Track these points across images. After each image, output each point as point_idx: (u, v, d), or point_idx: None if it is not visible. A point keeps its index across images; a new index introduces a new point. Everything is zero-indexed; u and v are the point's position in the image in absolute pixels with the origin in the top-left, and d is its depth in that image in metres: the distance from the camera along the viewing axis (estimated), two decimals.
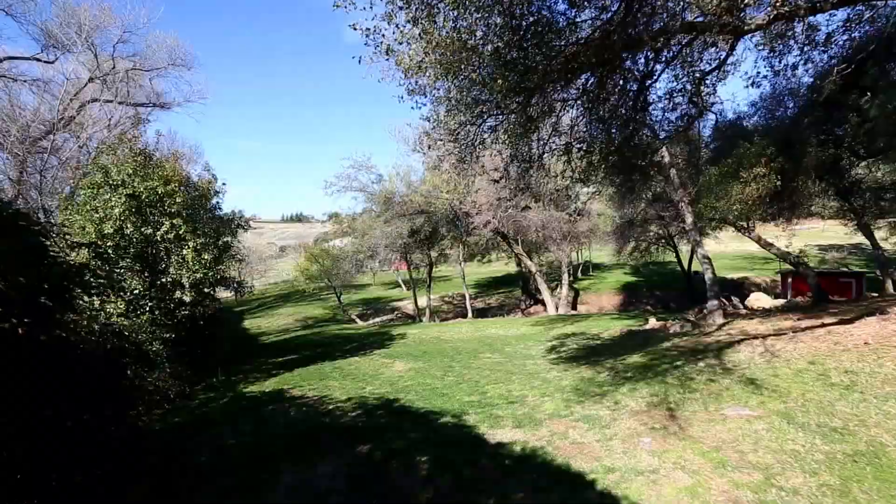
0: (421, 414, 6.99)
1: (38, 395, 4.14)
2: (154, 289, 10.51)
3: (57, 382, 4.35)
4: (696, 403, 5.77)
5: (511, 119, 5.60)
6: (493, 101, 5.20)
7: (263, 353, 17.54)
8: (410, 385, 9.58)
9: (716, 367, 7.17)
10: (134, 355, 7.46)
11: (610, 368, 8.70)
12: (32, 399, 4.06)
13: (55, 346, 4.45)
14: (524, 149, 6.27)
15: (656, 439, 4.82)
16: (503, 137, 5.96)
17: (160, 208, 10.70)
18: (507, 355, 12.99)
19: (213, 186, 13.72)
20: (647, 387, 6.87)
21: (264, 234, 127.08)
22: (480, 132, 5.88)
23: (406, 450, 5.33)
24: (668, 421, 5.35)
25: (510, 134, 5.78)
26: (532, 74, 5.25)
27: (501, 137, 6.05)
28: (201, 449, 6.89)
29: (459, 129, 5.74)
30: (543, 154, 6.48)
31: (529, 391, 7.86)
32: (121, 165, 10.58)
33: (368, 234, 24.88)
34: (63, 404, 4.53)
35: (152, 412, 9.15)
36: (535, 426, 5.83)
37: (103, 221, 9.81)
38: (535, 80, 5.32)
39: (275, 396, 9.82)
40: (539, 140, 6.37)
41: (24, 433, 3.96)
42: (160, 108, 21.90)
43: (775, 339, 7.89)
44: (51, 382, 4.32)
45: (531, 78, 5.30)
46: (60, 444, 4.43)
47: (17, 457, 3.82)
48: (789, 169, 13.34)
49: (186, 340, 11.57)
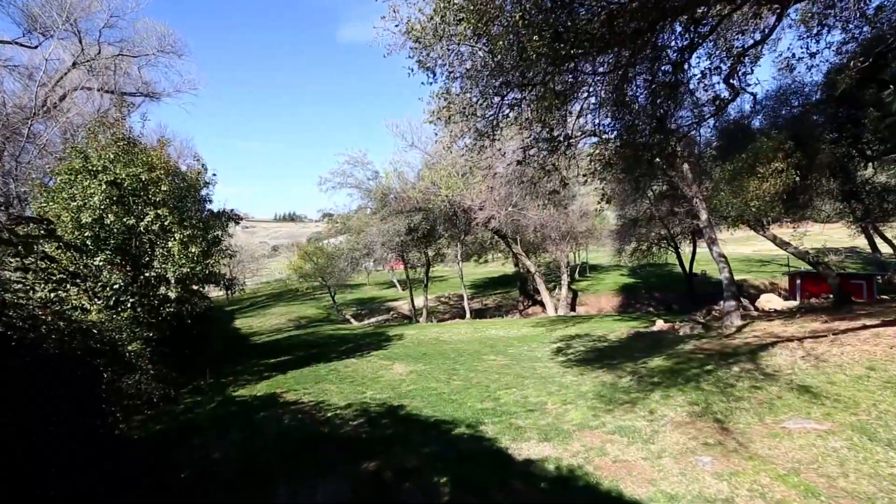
0: (431, 423, 6.29)
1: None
2: (137, 284, 9.71)
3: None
4: (746, 414, 5.13)
5: (539, 90, 4.93)
6: (521, 67, 4.53)
7: (255, 354, 16.74)
8: (414, 389, 8.88)
9: (754, 373, 6.54)
10: (110, 356, 6.69)
11: (632, 373, 8.05)
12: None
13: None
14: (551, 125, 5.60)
15: (717, 458, 4.16)
16: (528, 113, 5.29)
17: (144, 197, 9.90)
18: (512, 357, 12.35)
19: (202, 177, 12.89)
20: (682, 394, 6.22)
21: (257, 233, 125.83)
22: (504, 104, 5.19)
23: (420, 467, 4.63)
24: (720, 434, 4.70)
25: (538, 107, 5.09)
26: (563, 41, 4.59)
27: (525, 113, 5.38)
28: (184, 461, 6.13)
29: (480, 100, 5.06)
30: (572, 135, 5.82)
31: (548, 397, 7.19)
32: (102, 150, 9.77)
33: (365, 232, 24.12)
34: (11, 414, 3.79)
35: (132, 419, 8.36)
36: (565, 439, 5.15)
37: (81, 210, 9.00)
38: (568, 45, 4.64)
39: (267, 401, 9.06)
40: (567, 115, 5.70)
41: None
42: (149, 97, 21.00)
43: (813, 342, 7.29)
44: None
45: (563, 43, 4.63)
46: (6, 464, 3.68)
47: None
48: (803, 166, 12.85)
49: (172, 340, 10.79)
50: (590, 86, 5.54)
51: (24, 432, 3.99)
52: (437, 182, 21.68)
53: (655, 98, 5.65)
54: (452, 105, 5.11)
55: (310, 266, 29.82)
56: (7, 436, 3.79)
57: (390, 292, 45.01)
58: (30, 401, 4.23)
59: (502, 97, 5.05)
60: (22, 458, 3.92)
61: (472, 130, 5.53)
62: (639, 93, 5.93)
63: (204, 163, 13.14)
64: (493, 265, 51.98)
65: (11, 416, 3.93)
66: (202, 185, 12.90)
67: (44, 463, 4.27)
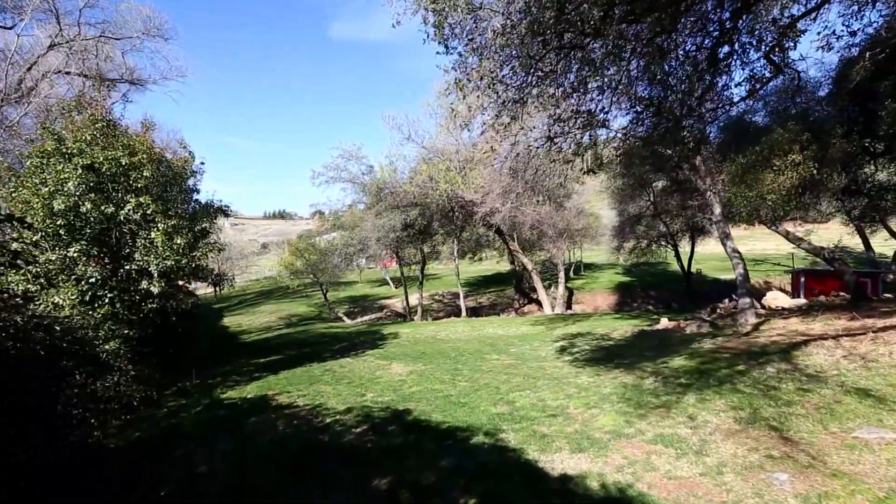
0: (444, 430, 5.65)
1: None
2: (116, 277, 8.94)
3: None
4: (805, 421, 4.58)
5: (579, 55, 4.32)
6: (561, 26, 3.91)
7: (244, 353, 15.97)
8: (418, 392, 8.24)
9: (795, 374, 6.01)
10: (82, 356, 5.95)
11: (653, 373, 7.49)
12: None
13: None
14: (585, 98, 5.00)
15: (793, 475, 3.58)
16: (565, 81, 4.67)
17: (124, 184, 9.11)
18: (515, 356, 11.79)
19: (189, 165, 12.08)
20: (719, 397, 5.66)
21: (246, 230, 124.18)
22: (537, 71, 4.56)
23: (440, 485, 4.00)
24: (783, 445, 4.13)
25: (578, 74, 4.46)
26: None
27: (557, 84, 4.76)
28: (165, 475, 5.43)
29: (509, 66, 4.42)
30: (610, 109, 5.21)
31: (567, 400, 6.60)
32: (77, 132, 8.96)
33: (359, 227, 23.39)
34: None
35: (109, 424, 7.61)
36: (601, 450, 4.55)
37: (53, 196, 8.20)
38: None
39: (258, 404, 8.37)
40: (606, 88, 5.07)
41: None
42: (134, 84, 20.02)
43: (851, 341, 6.79)
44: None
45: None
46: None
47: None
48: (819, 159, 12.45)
49: (155, 338, 10.04)
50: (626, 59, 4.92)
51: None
52: (434, 176, 21.02)
53: (698, 69, 5.06)
54: (476, 71, 4.47)
55: (301, 263, 28.98)
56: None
57: (383, 290, 44.27)
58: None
59: (536, 61, 4.38)
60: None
61: (497, 103, 4.88)
62: (675, 66, 5.34)
63: (191, 150, 12.34)
64: (486, 263, 51.51)
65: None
66: (189, 173, 12.10)
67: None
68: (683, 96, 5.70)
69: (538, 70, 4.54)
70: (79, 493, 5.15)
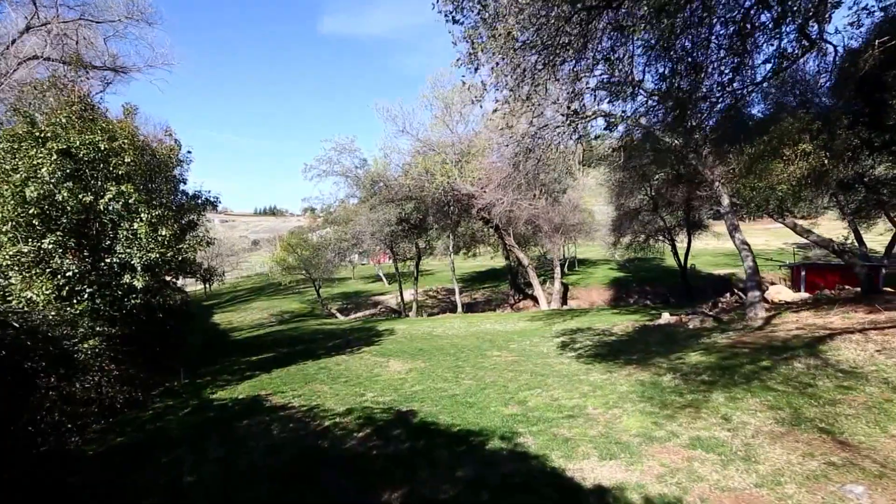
0: (455, 435, 5.18)
1: None
2: (96, 271, 8.33)
3: None
4: (857, 422, 4.19)
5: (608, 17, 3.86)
6: None
7: (235, 351, 15.39)
8: (421, 391, 7.78)
9: (827, 370, 5.64)
10: (54, 356, 5.39)
11: (670, 370, 7.10)
12: None
13: None
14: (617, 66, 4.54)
15: (870, 488, 3.17)
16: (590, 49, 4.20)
17: (104, 170, 8.49)
18: (517, 353, 11.39)
19: (175, 154, 11.43)
20: (751, 395, 5.26)
21: (237, 227, 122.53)
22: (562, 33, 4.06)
23: (461, 500, 3.53)
24: (843, 451, 3.73)
25: (621, 29, 3.96)
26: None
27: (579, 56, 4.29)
28: (149, 485, 4.91)
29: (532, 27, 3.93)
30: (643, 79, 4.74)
31: (584, 400, 6.17)
32: (51, 114, 8.32)
33: (353, 221, 22.80)
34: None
35: (87, 430, 7.04)
36: (634, 456, 4.12)
37: (25, 183, 7.57)
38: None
39: (250, 406, 7.85)
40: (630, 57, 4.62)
41: None
42: (117, 72, 19.17)
43: (881, 335, 6.45)
44: None
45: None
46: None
47: None
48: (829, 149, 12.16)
49: (140, 336, 9.45)
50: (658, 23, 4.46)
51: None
52: (430, 169, 20.49)
53: (732, 44, 4.62)
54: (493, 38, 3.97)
55: (294, 258, 28.30)
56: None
57: (376, 286, 43.67)
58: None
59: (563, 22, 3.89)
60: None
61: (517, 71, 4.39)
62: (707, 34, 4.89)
63: (177, 138, 11.70)
64: (480, 259, 51.07)
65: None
66: (175, 162, 11.47)
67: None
68: (717, 67, 5.25)
69: (565, 32, 4.07)
70: None
